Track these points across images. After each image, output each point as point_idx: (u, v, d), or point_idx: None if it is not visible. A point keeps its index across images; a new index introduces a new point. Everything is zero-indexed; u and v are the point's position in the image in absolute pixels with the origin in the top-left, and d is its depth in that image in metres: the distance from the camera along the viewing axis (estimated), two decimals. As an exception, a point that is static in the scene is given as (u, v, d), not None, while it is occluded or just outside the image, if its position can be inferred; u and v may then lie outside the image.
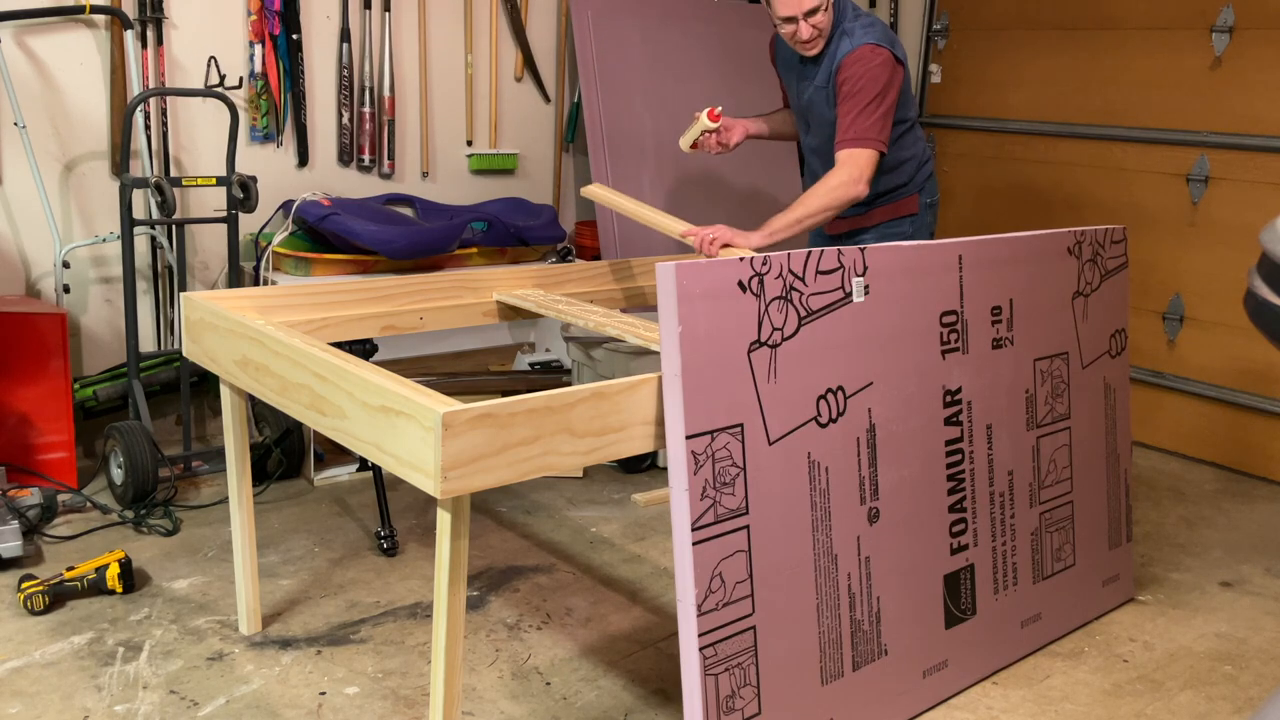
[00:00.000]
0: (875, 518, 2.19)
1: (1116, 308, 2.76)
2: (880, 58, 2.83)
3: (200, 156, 3.55)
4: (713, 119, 3.06)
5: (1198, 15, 3.91)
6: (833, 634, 2.13)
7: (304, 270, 3.42)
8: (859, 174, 2.81)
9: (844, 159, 2.83)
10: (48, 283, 3.36)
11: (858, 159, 2.82)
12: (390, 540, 2.95)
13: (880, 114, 2.83)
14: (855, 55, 2.84)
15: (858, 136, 2.82)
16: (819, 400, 2.08)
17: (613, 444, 1.90)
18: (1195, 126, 3.96)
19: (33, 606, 2.53)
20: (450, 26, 3.95)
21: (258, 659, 2.42)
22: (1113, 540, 2.81)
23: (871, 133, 2.82)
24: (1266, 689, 2.50)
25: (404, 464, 1.77)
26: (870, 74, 2.82)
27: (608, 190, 3.17)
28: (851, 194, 2.81)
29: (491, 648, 2.52)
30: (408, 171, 3.96)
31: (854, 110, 2.83)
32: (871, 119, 2.82)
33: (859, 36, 2.86)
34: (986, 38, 4.64)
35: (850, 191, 2.81)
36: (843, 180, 2.81)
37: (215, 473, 3.38)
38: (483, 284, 2.79)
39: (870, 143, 2.82)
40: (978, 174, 4.67)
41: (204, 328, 2.32)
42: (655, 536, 3.16)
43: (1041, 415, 2.56)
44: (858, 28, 2.88)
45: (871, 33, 2.87)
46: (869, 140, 2.82)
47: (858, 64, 2.83)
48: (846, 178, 2.81)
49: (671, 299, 1.85)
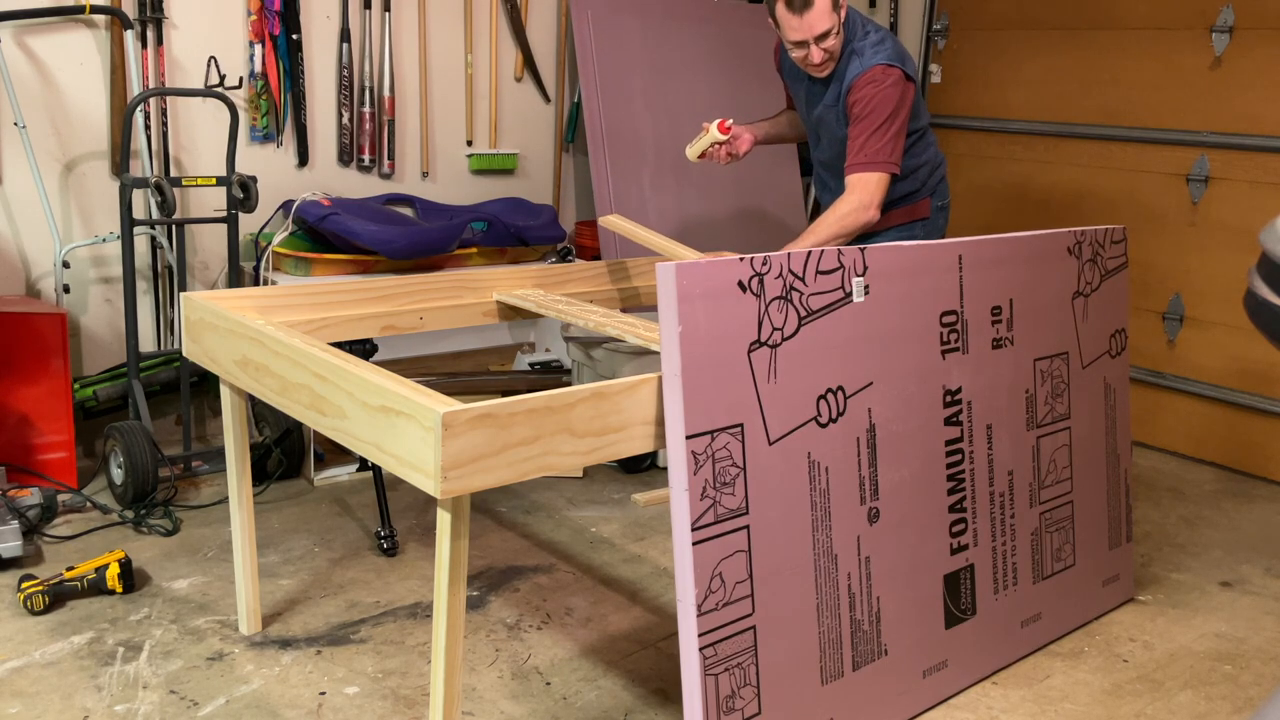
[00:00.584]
0: (875, 518, 2.19)
1: (1116, 308, 2.76)
2: (891, 78, 2.82)
3: (200, 156, 3.55)
4: (723, 131, 3.05)
5: (1198, 15, 3.91)
6: (833, 634, 2.13)
7: (304, 270, 3.42)
8: (869, 199, 2.82)
9: (854, 184, 2.84)
10: (48, 283, 3.36)
11: (868, 183, 2.82)
12: (390, 540, 2.95)
13: (891, 135, 2.82)
14: (867, 77, 2.83)
15: (869, 160, 2.82)
16: (819, 400, 2.08)
17: (613, 444, 1.90)
18: (1195, 126, 3.96)
19: (33, 606, 2.53)
20: (450, 26, 3.95)
21: (258, 659, 2.42)
22: (1113, 540, 2.81)
23: (882, 155, 2.82)
24: (1266, 689, 2.50)
25: (404, 464, 1.77)
26: (881, 96, 2.81)
27: (625, 221, 3.15)
28: (863, 220, 2.82)
29: (491, 648, 2.52)
30: (408, 171, 3.96)
31: (865, 133, 2.83)
32: (883, 141, 2.82)
33: (869, 56, 2.85)
34: (986, 38, 4.64)
35: (861, 218, 2.82)
36: (853, 207, 2.82)
37: (215, 473, 3.38)
38: (483, 284, 2.79)
39: (881, 166, 2.82)
40: (978, 174, 4.67)
41: (204, 328, 2.32)
42: (655, 536, 3.16)
43: (1041, 415, 2.56)
44: (867, 46, 2.87)
45: (881, 52, 2.85)
46: (879, 164, 2.82)
47: (869, 86, 2.82)
48: (857, 204, 2.82)
49: (671, 299, 1.85)
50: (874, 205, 2.82)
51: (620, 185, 3.98)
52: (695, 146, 3.13)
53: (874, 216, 2.83)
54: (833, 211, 2.84)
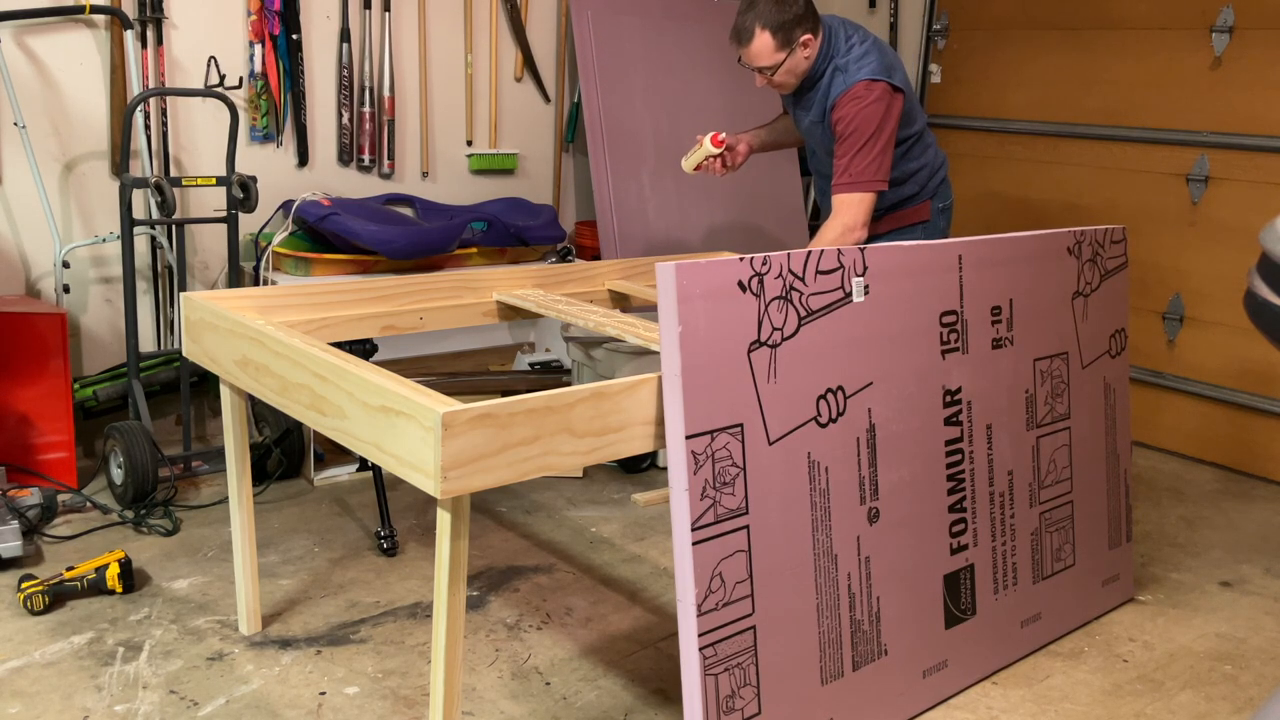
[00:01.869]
0: (875, 518, 2.19)
1: (1116, 308, 2.76)
2: (874, 94, 2.79)
3: (200, 156, 3.55)
4: (716, 144, 3.05)
5: (1198, 15, 3.91)
6: (833, 634, 2.13)
7: (304, 270, 3.42)
8: (854, 221, 2.83)
9: (839, 206, 2.85)
10: (48, 283, 3.36)
11: (852, 205, 2.83)
12: (390, 540, 2.95)
13: (877, 152, 2.81)
14: (849, 95, 2.81)
15: (853, 181, 2.82)
16: (819, 400, 2.08)
17: (613, 444, 1.90)
18: (1195, 126, 3.95)
19: (33, 606, 2.53)
20: (450, 26, 3.95)
21: (258, 659, 2.42)
22: (1113, 540, 2.82)
23: (868, 175, 2.82)
24: (1266, 689, 2.50)
25: (404, 464, 1.77)
26: (864, 114, 2.79)
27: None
28: (849, 242, 2.83)
29: (491, 648, 2.52)
30: (408, 171, 3.96)
31: (849, 152, 2.82)
32: (868, 160, 2.81)
33: (853, 72, 2.82)
34: (986, 38, 4.64)
35: (848, 239, 2.83)
36: (839, 232, 2.84)
37: (215, 473, 3.38)
38: (483, 284, 2.79)
39: (865, 186, 2.82)
40: (978, 174, 4.67)
41: (204, 328, 2.32)
42: (655, 536, 3.16)
43: (1041, 415, 2.56)
44: (851, 62, 2.83)
45: (866, 66, 2.81)
46: (864, 184, 2.82)
47: (852, 103, 2.80)
48: (842, 227, 2.83)
49: (671, 299, 1.85)
50: (859, 226, 2.84)
51: (620, 185, 3.98)
52: (690, 159, 3.14)
53: (861, 237, 2.85)
54: (820, 238, 2.86)
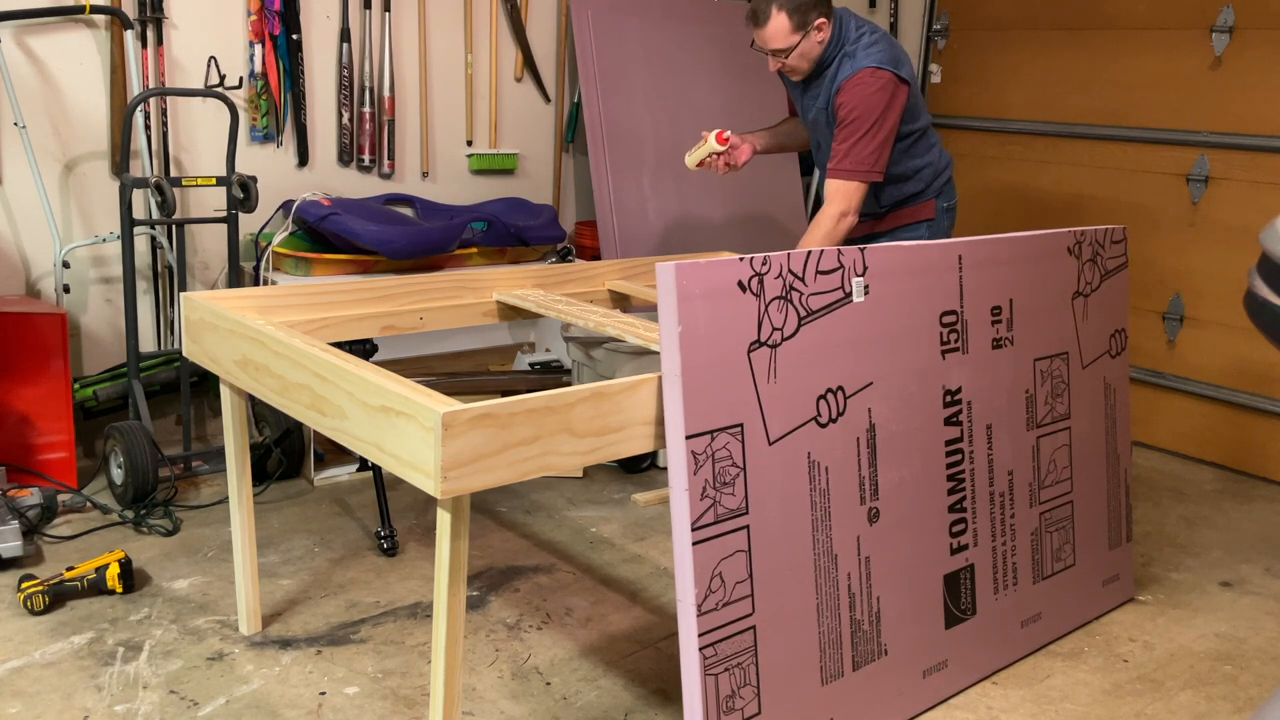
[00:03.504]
0: (875, 518, 2.19)
1: (1116, 308, 2.76)
2: (879, 82, 2.80)
3: (200, 156, 3.55)
4: (721, 142, 3.06)
5: (1198, 15, 3.92)
6: (833, 634, 2.13)
7: (304, 270, 3.42)
8: (845, 207, 2.85)
9: (831, 192, 2.87)
10: (48, 283, 3.36)
11: (845, 191, 2.85)
12: (390, 540, 2.95)
13: (877, 143, 2.82)
14: (853, 81, 2.82)
15: (850, 169, 2.84)
16: (819, 400, 2.08)
17: (613, 444, 1.90)
18: (1195, 126, 3.96)
19: (33, 606, 2.53)
20: (450, 26, 3.95)
21: (258, 659, 2.42)
22: (1113, 540, 2.81)
23: (864, 164, 2.83)
24: (1266, 689, 2.50)
25: (404, 464, 1.77)
26: (867, 101, 2.80)
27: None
28: (844, 227, 2.86)
29: (491, 648, 2.52)
30: (408, 171, 3.96)
31: (848, 140, 2.83)
32: (866, 149, 2.82)
33: (860, 59, 2.83)
34: (986, 38, 4.64)
35: (843, 226, 2.86)
36: (833, 216, 2.86)
37: (215, 473, 3.38)
38: (483, 284, 2.79)
39: (859, 175, 2.84)
40: (978, 174, 4.67)
41: (204, 328, 2.32)
42: (655, 536, 3.16)
43: (1041, 415, 2.56)
44: (859, 49, 2.85)
45: (873, 54, 2.83)
46: (858, 172, 2.84)
47: (855, 89, 2.81)
48: (836, 212, 2.86)
49: (671, 299, 1.85)
50: (851, 211, 2.86)
51: (620, 185, 3.98)
52: (694, 155, 3.14)
53: (852, 221, 2.87)
54: (815, 227, 2.86)
